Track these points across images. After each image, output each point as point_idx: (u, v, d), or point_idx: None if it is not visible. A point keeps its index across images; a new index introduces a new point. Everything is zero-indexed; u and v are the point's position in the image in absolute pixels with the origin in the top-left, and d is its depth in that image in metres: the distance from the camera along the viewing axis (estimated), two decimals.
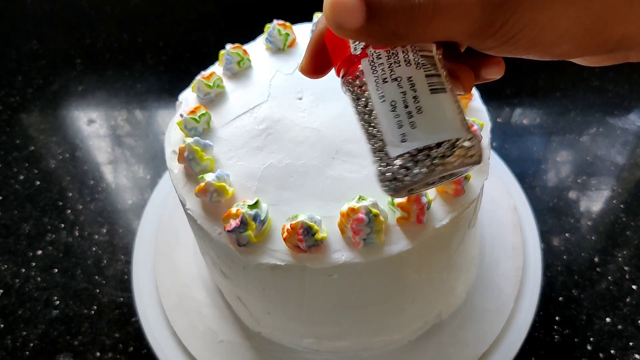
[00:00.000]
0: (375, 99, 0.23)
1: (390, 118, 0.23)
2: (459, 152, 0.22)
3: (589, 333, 0.53)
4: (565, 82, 0.80)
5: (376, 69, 0.23)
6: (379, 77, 0.23)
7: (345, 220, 0.35)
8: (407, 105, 0.22)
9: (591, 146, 0.71)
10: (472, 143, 0.23)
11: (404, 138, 0.22)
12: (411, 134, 0.22)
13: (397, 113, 0.22)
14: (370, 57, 0.23)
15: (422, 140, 0.22)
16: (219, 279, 0.49)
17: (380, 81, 0.23)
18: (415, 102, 0.22)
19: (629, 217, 0.63)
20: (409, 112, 0.22)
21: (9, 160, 0.74)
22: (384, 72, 0.23)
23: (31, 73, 0.88)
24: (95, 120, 0.80)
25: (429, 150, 0.22)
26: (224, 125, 0.44)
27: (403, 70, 0.23)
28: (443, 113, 0.23)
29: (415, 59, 0.23)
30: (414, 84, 0.23)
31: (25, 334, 0.56)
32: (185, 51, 0.90)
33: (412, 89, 0.22)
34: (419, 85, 0.23)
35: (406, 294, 0.43)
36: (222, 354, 0.49)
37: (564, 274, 0.58)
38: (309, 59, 0.27)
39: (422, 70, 0.23)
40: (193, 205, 0.39)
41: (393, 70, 0.23)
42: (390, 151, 0.23)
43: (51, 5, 1.01)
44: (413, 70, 0.23)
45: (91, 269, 0.61)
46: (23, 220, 0.66)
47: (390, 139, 0.23)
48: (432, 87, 0.23)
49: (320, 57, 0.26)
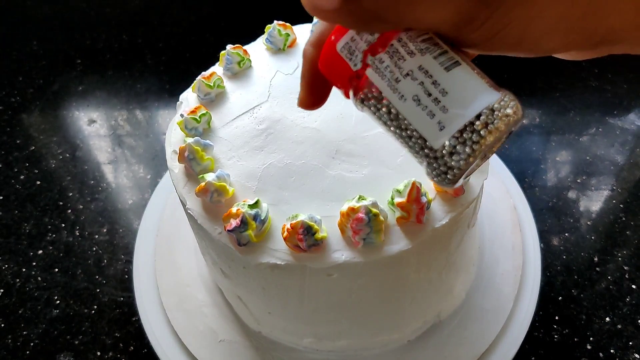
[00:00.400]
0: (396, 102, 0.22)
1: (420, 112, 0.22)
2: (500, 114, 0.21)
3: (589, 332, 0.53)
4: (564, 83, 0.80)
5: (384, 73, 0.22)
6: (391, 79, 0.22)
7: (345, 220, 0.35)
8: (430, 93, 0.22)
9: (590, 146, 0.71)
10: (509, 100, 0.22)
11: (441, 125, 0.21)
12: (447, 118, 0.21)
13: (424, 105, 0.22)
14: (373, 64, 0.23)
15: (461, 119, 0.21)
16: (219, 279, 0.49)
17: (393, 82, 0.22)
18: (437, 87, 0.22)
19: (628, 217, 0.63)
20: (435, 99, 0.22)
21: (9, 160, 0.74)
22: (393, 73, 0.22)
23: (32, 73, 0.88)
24: (96, 120, 0.80)
25: (472, 126, 0.21)
26: (224, 125, 0.44)
27: (410, 63, 0.22)
28: (468, 84, 0.22)
29: (416, 47, 0.22)
30: (427, 71, 0.22)
31: (26, 333, 0.56)
32: (186, 51, 0.90)
33: (427, 76, 0.22)
34: (433, 70, 0.22)
35: (406, 294, 0.43)
36: (223, 354, 0.49)
37: (564, 273, 0.58)
38: (308, 92, 0.25)
39: (428, 54, 0.22)
40: (193, 205, 0.40)
41: (401, 67, 0.22)
42: (434, 143, 0.22)
43: (51, 6, 1.01)
44: (420, 59, 0.22)
45: (92, 269, 0.61)
46: (24, 220, 0.66)
47: (429, 132, 0.22)
48: (445, 65, 0.22)
49: (318, 88, 0.25)
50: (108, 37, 0.94)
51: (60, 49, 0.92)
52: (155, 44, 0.92)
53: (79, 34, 0.95)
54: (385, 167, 0.40)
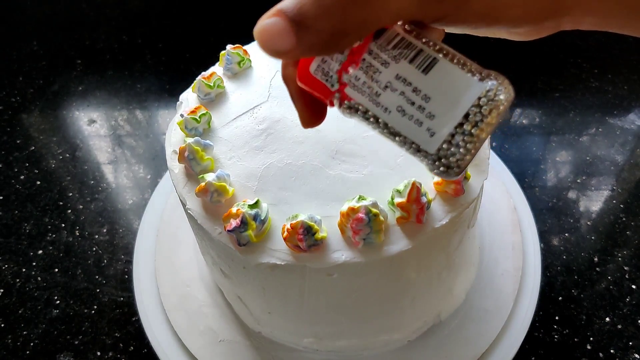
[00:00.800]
0: (381, 115, 0.22)
1: (407, 122, 0.22)
2: (489, 106, 0.21)
3: (589, 333, 0.53)
4: (564, 83, 0.80)
5: (362, 89, 0.22)
6: (371, 94, 0.22)
7: (345, 220, 0.35)
8: (414, 102, 0.21)
9: (590, 146, 0.71)
10: (495, 87, 0.21)
11: (431, 132, 0.21)
12: (435, 125, 0.21)
13: (410, 114, 0.22)
14: (350, 82, 0.22)
15: (449, 124, 0.21)
16: (219, 279, 0.49)
17: (374, 97, 0.22)
18: (418, 94, 0.21)
19: (628, 217, 0.63)
20: (419, 107, 0.21)
21: (9, 160, 0.74)
22: (371, 88, 0.22)
23: (32, 73, 0.88)
24: (96, 120, 0.80)
25: (461, 127, 0.21)
26: (224, 125, 0.44)
27: (386, 74, 0.22)
28: (450, 82, 0.21)
29: (389, 55, 0.22)
30: (405, 79, 0.22)
31: (26, 333, 0.56)
32: (186, 51, 0.90)
33: (407, 84, 0.22)
34: (411, 76, 0.22)
35: (406, 294, 0.43)
36: (223, 354, 0.49)
37: (564, 273, 0.58)
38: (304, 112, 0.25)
39: (403, 60, 0.22)
40: (193, 205, 0.40)
41: (378, 80, 0.22)
42: (428, 149, 0.22)
43: (51, 7, 1.01)
44: (395, 67, 0.22)
45: (92, 269, 0.61)
46: (24, 220, 0.66)
47: (420, 140, 0.22)
48: (423, 66, 0.22)
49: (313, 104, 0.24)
50: (108, 37, 0.94)
51: (60, 49, 0.92)
52: (155, 44, 0.92)
53: (79, 34, 0.95)
54: (385, 167, 0.40)
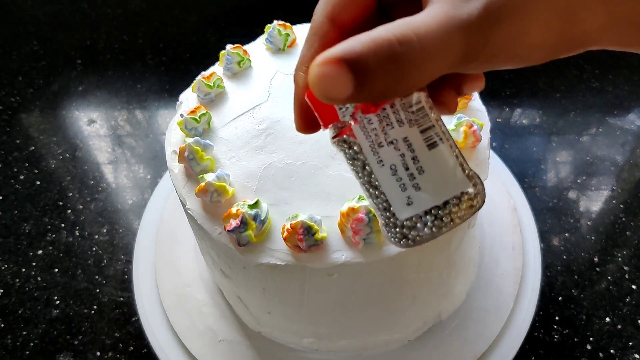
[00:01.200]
0: (373, 164, 0.22)
1: (392, 182, 0.22)
2: (465, 204, 0.22)
3: (589, 333, 0.53)
4: (565, 84, 0.80)
5: (369, 134, 0.22)
6: (374, 142, 0.22)
7: (345, 220, 0.35)
8: (408, 168, 0.22)
9: (591, 146, 0.71)
10: (477, 189, 0.23)
11: (410, 201, 0.22)
12: (416, 197, 0.22)
13: (399, 176, 0.22)
14: (361, 122, 0.22)
15: (429, 202, 0.22)
16: (219, 279, 0.49)
17: (375, 146, 0.22)
18: (416, 163, 0.22)
19: (628, 217, 0.63)
20: (410, 175, 0.22)
21: (9, 160, 0.74)
22: (377, 137, 0.22)
23: (32, 73, 0.88)
24: (96, 120, 0.80)
25: (437, 210, 0.22)
26: (224, 125, 0.44)
27: (397, 132, 0.22)
28: (445, 167, 0.22)
29: (407, 116, 0.22)
30: (410, 144, 0.22)
31: (26, 333, 0.56)
32: (186, 51, 0.90)
33: (409, 150, 0.22)
34: (416, 144, 0.22)
35: (406, 294, 0.43)
36: (222, 354, 0.49)
37: (564, 273, 0.58)
38: (300, 119, 0.26)
39: (416, 126, 0.22)
40: (193, 205, 0.40)
41: (387, 133, 0.22)
42: (397, 214, 0.22)
43: (52, 6, 1.01)
44: (407, 130, 0.22)
45: (91, 269, 0.61)
46: (23, 220, 0.66)
47: (395, 203, 0.22)
48: (429, 141, 0.22)
49: (310, 115, 0.24)
50: (108, 37, 0.94)
51: (60, 49, 0.92)
52: (155, 44, 0.92)
53: (79, 34, 0.95)
54: None
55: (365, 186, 0.23)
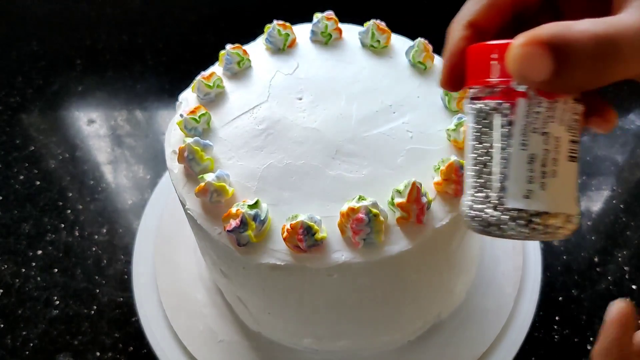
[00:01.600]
0: (515, 143, 0.22)
1: (524, 170, 0.22)
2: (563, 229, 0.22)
3: (589, 333, 0.53)
4: None
5: (530, 115, 0.22)
6: (530, 124, 0.22)
7: (345, 220, 0.35)
8: (545, 165, 0.21)
9: (591, 146, 0.71)
10: (577, 221, 0.22)
11: (528, 195, 0.21)
12: (537, 195, 0.21)
13: (533, 168, 0.21)
14: (531, 100, 0.22)
15: (545, 206, 0.21)
16: (219, 279, 0.49)
17: (530, 128, 0.22)
18: (553, 165, 0.22)
19: (629, 217, 0.63)
20: (543, 172, 0.21)
21: (9, 160, 0.74)
22: (536, 122, 0.21)
23: (31, 73, 0.88)
24: (95, 120, 0.80)
25: (540, 217, 0.21)
26: (224, 125, 0.44)
27: (555, 128, 0.22)
28: (570, 184, 0.22)
29: (569, 120, 0.22)
30: (558, 146, 0.22)
31: (25, 333, 0.56)
32: (185, 52, 0.90)
33: (555, 150, 0.22)
34: (562, 148, 0.22)
35: (406, 294, 0.43)
36: (222, 354, 0.49)
37: (564, 273, 0.58)
38: (448, 75, 0.25)
39: (569, 134, 0.22)
40: (193, 205, 0.39)
41: (546, 124, 0.21)
42: (507, 201, 0.22)
43: (52, 6, 1.01)
44: (563, 131, 0.22)
45: (91, 269, 0.61)
46: (23, 220, 0.66)
47: (513, 190, 0.22)
48: (572, 153, 0.22)
49: (457, 72, 0.25)
50: (108, 37, 0.94)
51: (60, 49, 0.92)
52: (155, 45, 0.92)
53: (79, 34, 0.95)
54: (385, 167, 0.40)
55: (476, 160, 0.23)
